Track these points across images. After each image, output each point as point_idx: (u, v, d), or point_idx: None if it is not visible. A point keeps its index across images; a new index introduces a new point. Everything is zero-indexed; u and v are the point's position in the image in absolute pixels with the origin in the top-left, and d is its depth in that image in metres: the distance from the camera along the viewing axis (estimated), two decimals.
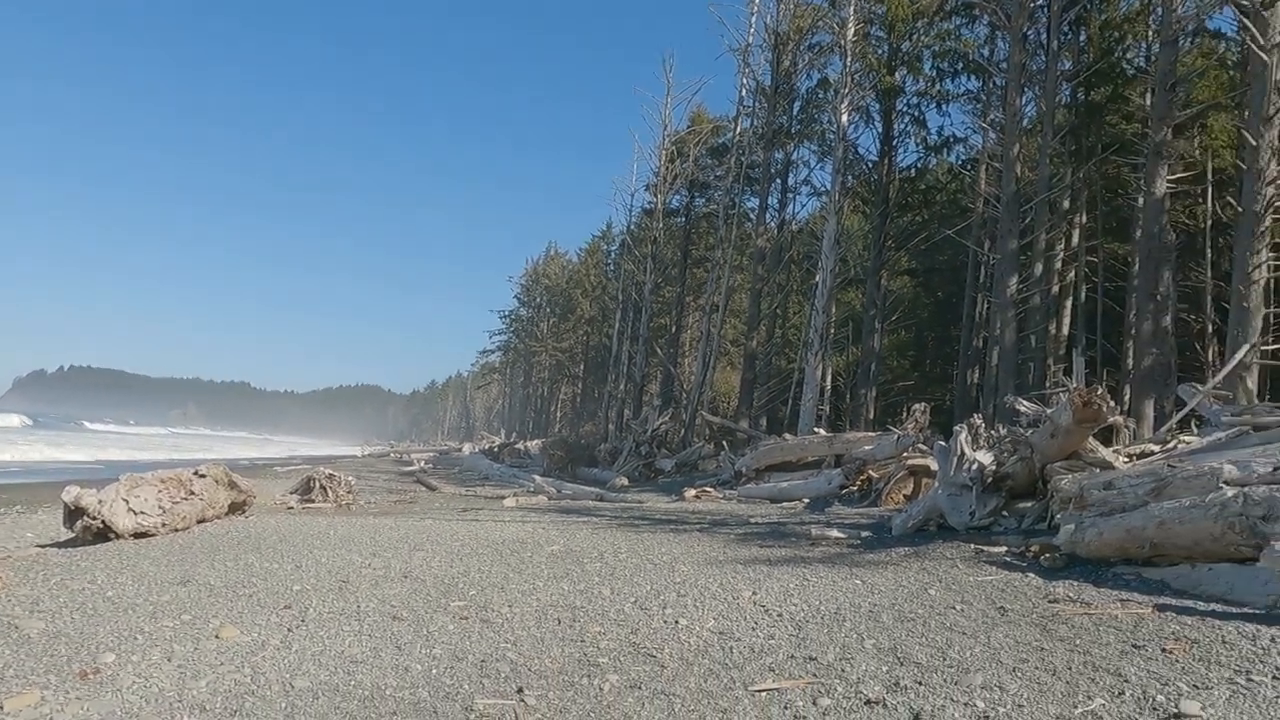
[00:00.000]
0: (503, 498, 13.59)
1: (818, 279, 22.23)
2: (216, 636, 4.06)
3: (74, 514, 7.42)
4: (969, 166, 26.05)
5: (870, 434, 14.04)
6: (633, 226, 36.76)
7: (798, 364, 25.41)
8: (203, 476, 8.77)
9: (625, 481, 17.89)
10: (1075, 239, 22.38)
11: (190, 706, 3.18)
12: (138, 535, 7.48)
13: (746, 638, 3.96)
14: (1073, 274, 22.46)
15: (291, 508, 11.26)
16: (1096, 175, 21.74)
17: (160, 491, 8.08)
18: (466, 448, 40.25)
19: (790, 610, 4.48)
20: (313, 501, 11.97)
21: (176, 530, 7.89)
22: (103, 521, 7.32)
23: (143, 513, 7.69)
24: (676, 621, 4.30)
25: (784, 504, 11.79)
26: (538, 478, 17.77)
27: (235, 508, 9.37)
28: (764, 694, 3.18)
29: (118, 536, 7.35)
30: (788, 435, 17.24)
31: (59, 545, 7.27)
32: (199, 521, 8.39)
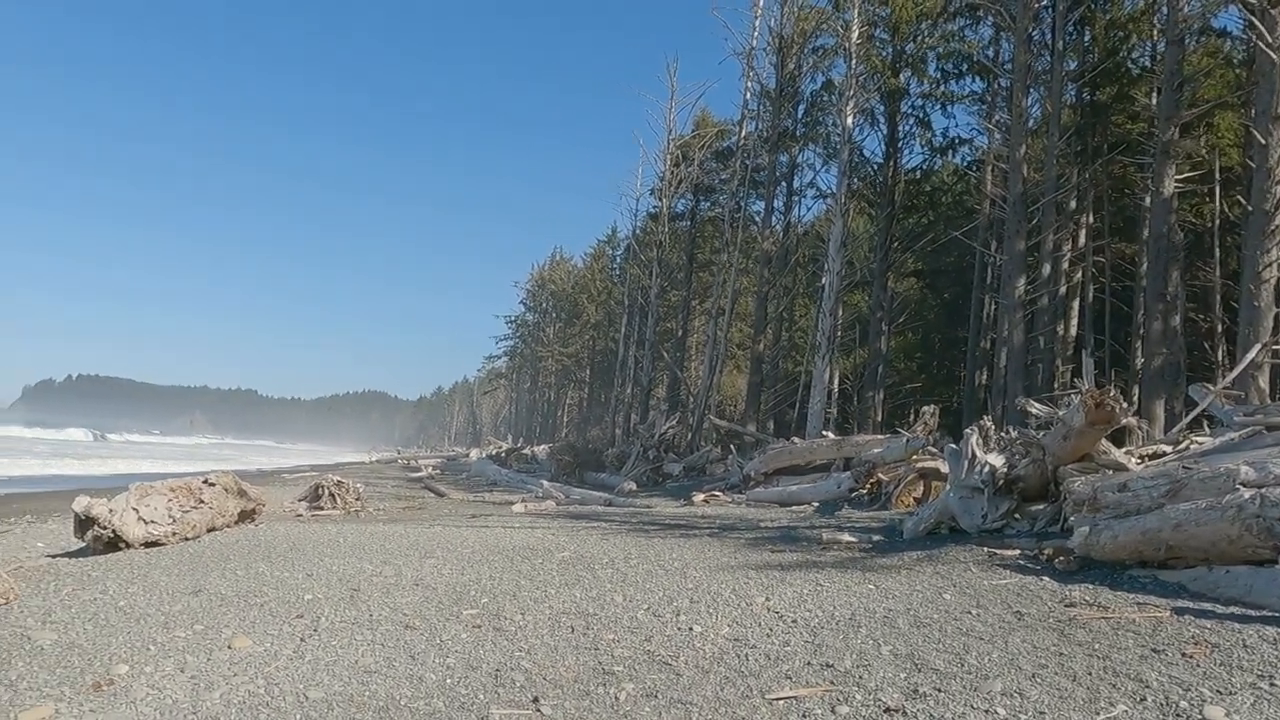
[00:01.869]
0: (511, 503, 13.57)
1: (824, 282, 22.19)
2: (229, 647, 4.05)
3: (84, 524, 7.42)
4: (975, 168, 26.01)
5: (879, 437, 14.00)
6: (638, 231, 36.79)
7: (805, 367, 25.39)
8: (212, 485, 8.77)
9: (633, 486, 17.87)
10: (1082, 239, 22.31)
11: (204, 718, 3.17)
12: (148, 544, 7.48)
13: (762, 644, 3.94)
14: (1080, 274, 22.40)
15: (301, 515, 11.26)
16: (1103, 175, 21.69)
17: (170, 500, 8.08)
18: (474, 453, 40.27)
19: (804, 616, 4.45)
20: (322, 509, 11.96)
21: (187, 539, 7.88)
22: (113, 531, 7.33)
23: (153, 521, 7.69)
24: (691, 628, 4.27)
25: (793, 507, 11.75)
26: (546, 483, 17.75)
27: (245, 516, 9.37)
28: (782, 702, 3.16)
29: (128, 546, 7.35)
30: (795, 438, 17.20)
31: (70, 555, 7.28)
32: (209, 530, 8.38)
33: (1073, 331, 22.31)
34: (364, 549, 7.27)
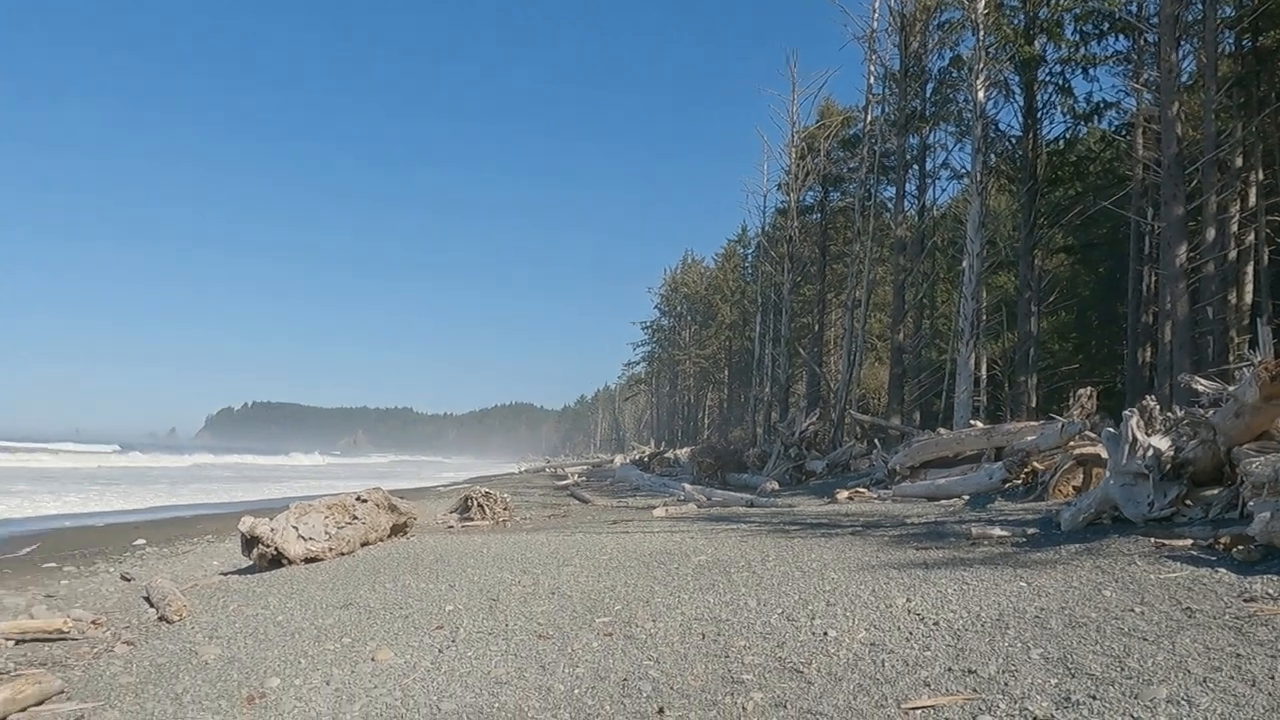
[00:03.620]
0: (652, 508, 13.60)
1: (964, 264, 21.27)
2: (372, 659, 4.19)
3: (250, 542, 7.91)
4: (1123, 132, 24.35)
5: (1032, 423, 13.26)
6: (767, 227, 36.37)
7: (949, 355, 24.42)
8: (364, 501, 9.18)
9: (775, 485, 17.60)
10: (1252, 198, 20.50)
11: None
12: (307, 560, 7.89)
13: (900, 649, 3.75)
14: (1252, 236, 20.58)
15: (451, 527, 11.64)
16: (1272, 127, 19.87)
17: (326, 518, 8.50)
18: (618, 459, 40.73)
19: (948, 618, 4.22)
20: (472, 520, 12.34)
21: (342, 554, 8.27)
22: (275, 548, 7.78)
23: (311, 538, 8.11)
24: (825, 633, 4.12)
25: (942, 502, 11.28)
26: (687, 486, 17.72)
27: (397, 530, 9.75)
28: (919, 711, 2.99)
29: (290, 562, 7.78)
30: (942, 429, 16.53)
31: (240, 572, 7.76)
32: (363, 544, 8.77)
33: (1247, 299, 20.50)
34: (506, 559, 7.42)
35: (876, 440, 19.12)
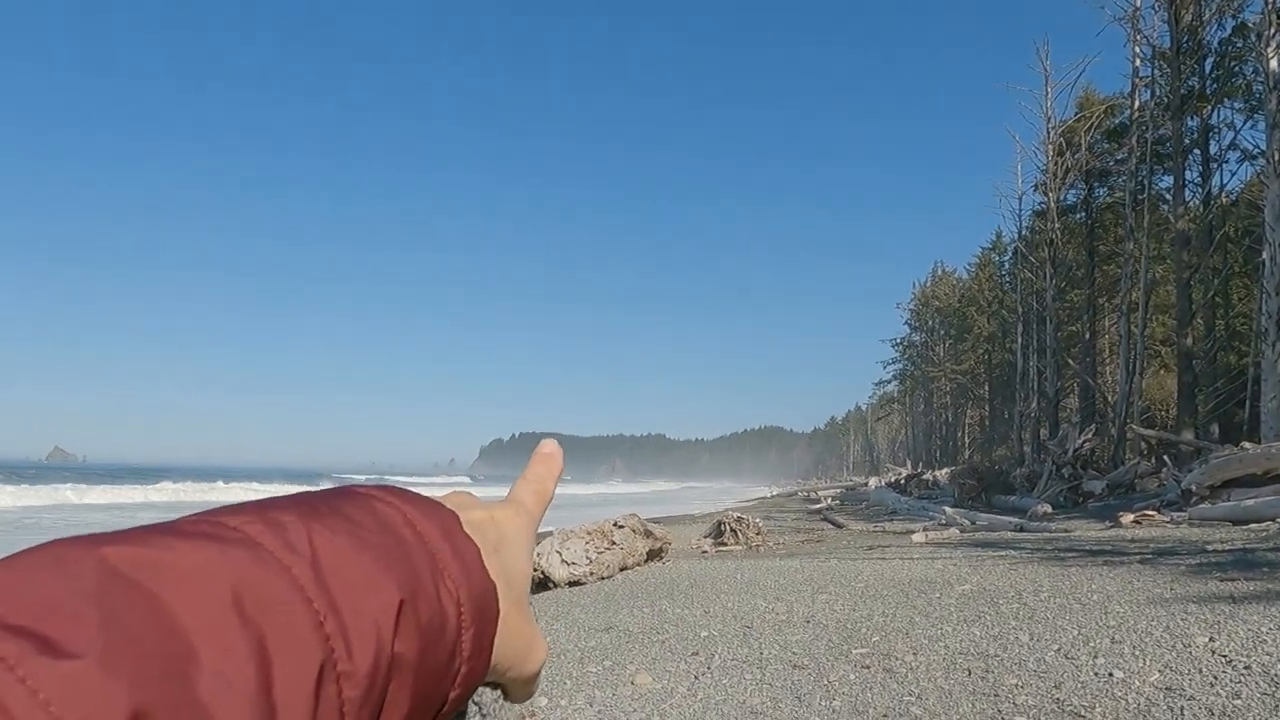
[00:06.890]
0: (911, 533, 13.07)
1: (1264, 256, 18.79)
2: (631, 683, 4.32)
3: None
4: None
5: None
6: (1024, 232, 34.07)
7: (1251, 358, 21.62)
8: (621, 527, 9.52)
9: (1048, 508, 16.34)
10: None
11: None
12: (570, 584, 8.30)
13: (1202, 696, 3.34)
14: None
15: (705, 552, 11.79)
16: None
17: (587, 543, 8.90)
18: (872, 482, 39.59)
19: (1262, 661, 3.71)
20: (725, 544, 12.44)
21: (602, 578, 8.61)
22: (542, 572, 8.24)
23: (573, 563, 8.52)
24: (1110, 674, 3.75)
25: (1250, 526, 9.98)
26: (948, 509, 16.90)
27: (653, 555, 10.02)
28: None
29: (555, 585, 8.21)
30: (1247, 444, 14.63)
31: None
32: (621, 569, 9.08)
33: None
34: (759, 585, 7.40)
35: (1165, 457, 17.28)
